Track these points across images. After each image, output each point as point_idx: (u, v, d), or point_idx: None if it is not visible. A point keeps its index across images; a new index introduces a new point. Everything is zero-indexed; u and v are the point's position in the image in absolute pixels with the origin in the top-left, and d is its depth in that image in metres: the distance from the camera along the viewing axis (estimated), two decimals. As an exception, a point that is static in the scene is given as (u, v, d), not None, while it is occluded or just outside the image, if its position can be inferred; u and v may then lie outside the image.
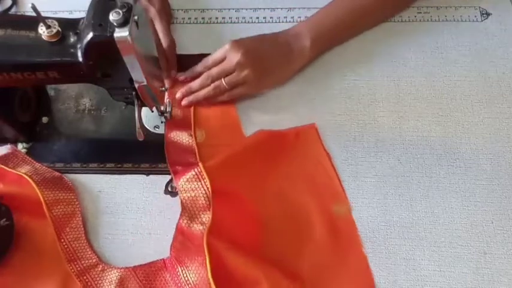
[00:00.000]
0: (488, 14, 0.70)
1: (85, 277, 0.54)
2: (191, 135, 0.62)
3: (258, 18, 0.72)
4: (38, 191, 0.57)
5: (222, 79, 0.61)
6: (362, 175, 0.59)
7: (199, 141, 0.62)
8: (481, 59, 0.66)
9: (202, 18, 0.72)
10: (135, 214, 0.59)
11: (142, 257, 0.56)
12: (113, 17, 0.43)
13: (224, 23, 0.72)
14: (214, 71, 0.61)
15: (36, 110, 0.65)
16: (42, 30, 0.47)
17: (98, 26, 0.45)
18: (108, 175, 0.61)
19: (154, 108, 0.58)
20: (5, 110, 0.60)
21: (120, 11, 0.43)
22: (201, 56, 0.67)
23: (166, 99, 0.60)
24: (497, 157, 0.60)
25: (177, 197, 0.59)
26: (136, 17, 0.44)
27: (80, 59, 0.48)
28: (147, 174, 0.61)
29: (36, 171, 0.60)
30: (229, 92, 0.62)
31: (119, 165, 0.62)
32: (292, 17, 0.71)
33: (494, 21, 0.69)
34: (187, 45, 0.69)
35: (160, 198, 0.59)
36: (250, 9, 0.73)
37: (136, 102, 0.53)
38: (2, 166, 0.60)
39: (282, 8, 0.72)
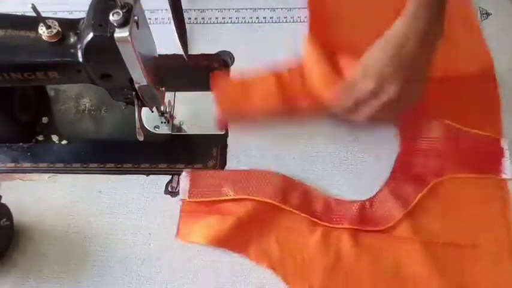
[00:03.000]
0: (488, 14, 0.70)
1: None
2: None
3: (258, 18, 0.72)
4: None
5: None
6: (362, 175, 0.59)
7: None
8: (481, 59, 0.66)
9: (203, 18, 0.72)
10: (135, 214, 0.59)
11: (142, 257, 0.56)
12: (113, 17, 0.43)
13: (224, 23, 0.72)
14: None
15: (36, 110, 0.65)
16: (42, 30, 0.47)
17: (98, 26, 0.45)
18: (108, 175, 0.61)
19: (154, 109, 0.58)
20: (5, 110, 0.60)
21: (120, 11, 0.43)
22: (201, 56, 0.68)
23: (166, 100, 0.60)
24: (497, 157, 0.60)
25: (177, 197, 0.59)
26: (136, 17, 0.44)
27: (80, 59, 0.48)
28: (147, 174, 0.61)
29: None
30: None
31: (119, 165, 0.62)
32: (292, 17, 0.71)
33: (494, 21, 0.69)
34: (188, 46, 0.69)
35: (160, 198, 0.59)
36: (250, 9, 0.73)
37: (136, 102, 0.53)
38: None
39: (282, 8, 0.72)
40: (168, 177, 0.61)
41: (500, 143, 0.59)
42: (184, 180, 0.59)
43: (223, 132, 0.62)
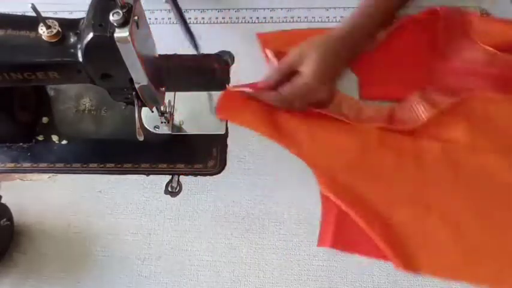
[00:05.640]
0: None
1: None
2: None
3: (258, 18, 0.72)
4: None
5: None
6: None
7: None
8: (481, 59, 0.66)
9: (202, 18, 0.72)
10: (135, 214, 0.59)
11: (142, 257, 0.56)
12: (113, 17, 0.43)
13: (224, 23, 0.72)
14: (287, 94, 0.58)
15: (36, 110, 0.65)
16: (42, 30, 0.47)
17: (98, 26, 0.45)
18: (108, 175, 0.61)
19: (154, 109, 0.58)
20: (5, 110, 0.60)
21: (121, 12, 0.43)
22: (202, 56, 0.68)
23: (166, 100, 0.60)
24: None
25: (177, 197, 0.59)
26: (136, 18, 0.44)
27: (80, 59, 0.48)
28: (147, 174, 0.61)
29: None
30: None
31: (119, 165, 0.62)
32: (292, 17, 0.71)
33: (494, 21, 0.69)
34: (187, 46, 0.69)
35: (160, 198, 0.59)
36: (250, 9, 0.73)
37: (136, 102, 0.53)
38: None
39: (282, 8, 0.72)
40: (168, 177, 0.61)
41: None
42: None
43: (223, 132, 0.62)
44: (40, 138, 0.64)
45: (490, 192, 0.56)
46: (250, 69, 0.67)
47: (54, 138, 0.64)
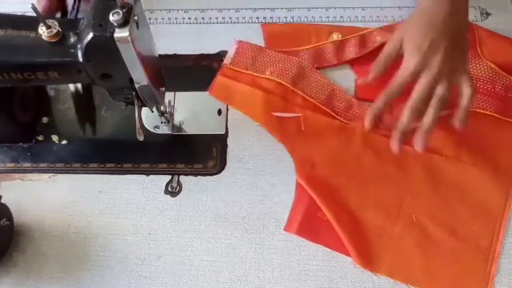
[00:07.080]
0: (488, 14, 0.70)
1: None
2: None
3: (258, 18, 0.72)
4: None
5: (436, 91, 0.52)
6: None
7: None
8: (481, 59, 0.66)
9: (203, 18, 0.72)
10: (135, 214, 0.59)
11: (142, 257, 0.56)
12: (113, 17, 0.43)
13: (224, 23, 0.72)
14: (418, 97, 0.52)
15: (36, 110, 0.65)
16: (42, 30, 0.47)
17: (98, 26, 0.44)
18: (108, 175, 0.61)
19: (154, 108, 0.58)
20: (5, 110, 0.60)
21: (121, 11, 0.43)
22: (201, 56, 0.68)
23: (166, 100, 0.60)
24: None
25: (177, 197, 0.59)
26: (136, 18, 0.44)
27: (80, 59, 0.48)
28: (147, 174, 0.61)
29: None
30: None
31: (119, 165, 0.62)
32: (292, 17, 0.71)
33: (494, 21, 0.69)
34: (187, 46, 0.69)
35: (160, 198, 0.59)
36: (250, 9, 0.73)
37: (136, 102, 0.53)
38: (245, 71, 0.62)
39: (282, 8, 0.72)
40: (168, 177, 0.61)
41: None
42: (231, 47, 0.63)
43: (223, 132, 0.63)
44: (40, 138, 0.64)
45: (464, 207, 0.56)
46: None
47: (54, 138, 0.64)
